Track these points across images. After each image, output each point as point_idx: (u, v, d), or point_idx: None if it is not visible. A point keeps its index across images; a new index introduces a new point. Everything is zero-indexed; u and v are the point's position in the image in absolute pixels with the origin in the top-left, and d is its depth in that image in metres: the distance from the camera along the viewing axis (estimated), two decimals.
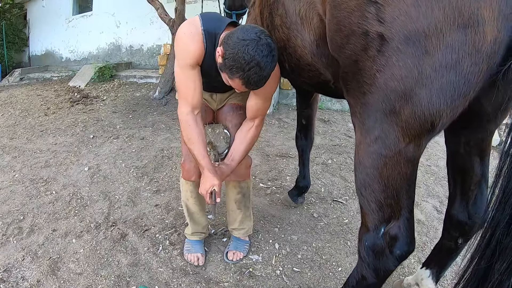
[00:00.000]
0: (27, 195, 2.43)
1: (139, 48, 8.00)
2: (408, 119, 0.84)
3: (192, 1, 6.44)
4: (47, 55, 10.12)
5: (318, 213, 2.22)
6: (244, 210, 1.76)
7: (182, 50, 1.34)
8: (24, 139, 3.69)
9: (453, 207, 1.30)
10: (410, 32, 0.77)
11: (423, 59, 0.77)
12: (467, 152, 1.17)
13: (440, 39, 0.75)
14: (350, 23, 0.88)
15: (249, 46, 1.12)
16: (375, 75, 0.85)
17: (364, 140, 0.95)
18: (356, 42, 0.88)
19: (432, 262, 1.45)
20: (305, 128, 2.12)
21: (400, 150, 0.89)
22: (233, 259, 1.76)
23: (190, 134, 1.41)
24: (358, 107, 0.95)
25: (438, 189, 2.57)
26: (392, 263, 1.02)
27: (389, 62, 0.82)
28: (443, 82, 0.78)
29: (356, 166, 1.01)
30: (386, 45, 0.81)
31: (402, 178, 0.93)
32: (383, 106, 0.86)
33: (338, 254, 1.84)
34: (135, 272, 1.68)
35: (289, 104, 4.89)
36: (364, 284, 1.09)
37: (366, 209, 1.02)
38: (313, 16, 1.15)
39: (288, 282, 1.64)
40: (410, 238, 1.01)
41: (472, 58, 0.75)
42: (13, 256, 1.79)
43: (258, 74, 1.15)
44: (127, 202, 2.32)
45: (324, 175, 2.77)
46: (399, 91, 0.82)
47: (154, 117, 4.40)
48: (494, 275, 0.84)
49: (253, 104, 1.50)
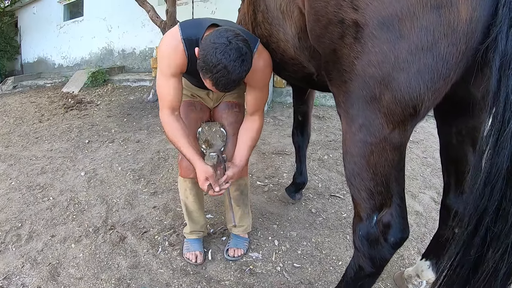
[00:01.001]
0: (24, 202, 2.42)
1: (132, 51, 7.98)
2: (389, 105, 0.84)
3: (183, 2, 6.44)
4: (40, 62, 10.09)
5: (316, 208, 2.23)
6: (243, 208, 1.78)
7: (164, 61, 1.38)
8: (20, 147, 3.67)
9: (448, 197, 1.30)
10: (384, 17, 0.77)
11: (399, 43, 0.77)
12: (459, 142, 1.17)
13: (414, 22, 0.75)
14: (327, 12, 0.88)
15: (218, 50, 1.14)
16: (353, 62, 0.85)
17: (350, 129, 0.95)
18: (334, 31, 0.88)
19: (431, 253, 1.45)
20: (301, 124, 2.13)
21: (385, 136, 0.89)
22: (234, 255, 1.76)
23: (173, 131, 1.44)
24: (341, 96, 0.96)
25: (435, 181, 2.59)
26: (388, 251, 1.02)
27: (365, 49, 0.82)
28: (420, 65, 0.77)
29: (344, 156, 1.02)
30: (361, 31, 0.81)
31: (389, 165, 0.93)
32: (364, 93, 0.86)
33: (338, 248, 1.85)
34: (135, 274, 1.67)
35: (283, 102, 4.90)
36: (362, 275, 1.09)
37: (357, 198, 1.02)
38: (294, 10, 1.16)
39: (289, 278, 1.65)
40: (404, 224, 1.01)
41: (449, 38, 0.74)
42: (12, 263, 1.78)
43: (225, 77, 1.17)
44: (125, 205, 2.32)
45: (321, 170, 2.77)
46: (377, 77, 0.82)
47: (149, 119, 4.39)
48: (489, 263, 0.82)
49: (252, 97, 1.52)
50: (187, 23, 1.40)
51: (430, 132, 3.64)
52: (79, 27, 8.94)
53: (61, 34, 9.40)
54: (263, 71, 1.42)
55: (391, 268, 1.69)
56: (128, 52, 8.03)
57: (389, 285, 1.60)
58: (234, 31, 1.21)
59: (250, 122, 1.56)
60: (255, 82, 1.45)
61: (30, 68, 10.34)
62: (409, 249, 1.83)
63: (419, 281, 1.48)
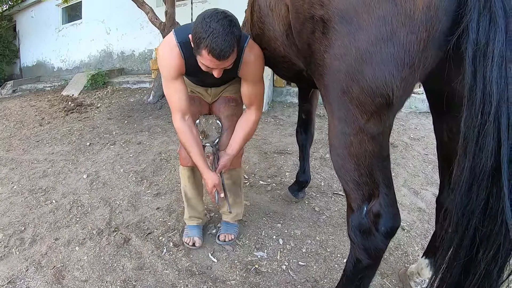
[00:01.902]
0: (27, 205, 2.42)
1: (131, 53, 7.99)
2: (358, 96, 0.85)
3: (182, 4, 6.43)
4: (39, 66, 10.09)
5: (320, 206, 2.23)
6: (234, 197, 1.87)
7: (164, 66, 1.49)
8: (21, 150, 3.67)
9: (442, 195, 1.30)
10: (343, 11, 0.79)
11: (358, 35, 0.79)
12: (450, 139, 1.17)
13: (370, 13, 0.76)
14: (303, 9, 0.92)
15: (206, 18, 1.24)
16: (323, 56, 0.88)
17: (332, 121, 0.97)
18: (307, 27, 0.92)
19: (430, 251, 1.46)
20: (305, 122, 2.14)
21: (361, 127, 0.90)
22: (225, 240, 1.86)
23: (185, 139, 1.56)
24: (322, 90, 0.99)
25: (436, 177, 2.55)
26: (381, 241, 1.03)
27: (330, 43, 0.84)
28: (382, 55, 0.78)
29: (330, 148, 1.04)
30: (326, 27, 0.84)
31: (370, 155, 0.94)
32: (335, 86, 0.89)
33: (342, 246, 1.84)
34: (140, 276, 1.67)
35: (284, 102, 4.90)
36: (360, 267, 1.09)
37: (346, 189, 1.04)
38: (281, 7, 1.19)
39: (295, 276, 1.64)
40: (393, 213, 1.02)
41: (407, 27, 0.74)
42: (16, 267, 1.78)
43: (218, 38, 1.22)
44: (128, 206, 2.31)
45: (323, 169, 2.77)
46: (342, 70, 0.84)
47: (149, 121, 4.39)
48: (480, 265, 0.80)
49: (245, 90, 1.60)
50: (181, 29, 1.50)
51: (431, 129, 3.60)
52: (77, 30, 8.94)
53: (59, 38, 9.40)
54: (255, 62, 1.50)
55: (396, 265, 1.69)
56: (127, 54, 8.04)
57: (394, 281, 1.60)
58: (224, 11, 1.30)
59: (247, 115, 1.65)
60: (248, 76, 1.54)
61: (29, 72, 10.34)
62: (413, 246, 1.83)
63: (420, 279, 1.48)
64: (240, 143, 1.64)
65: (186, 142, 1.55)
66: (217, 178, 1.58)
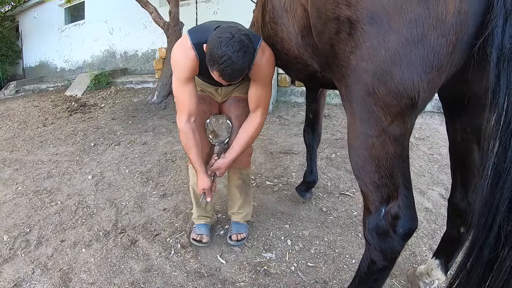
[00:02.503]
0: (31, 207, 2.41)
1: (134, 53, 7.98)
2: (384, 97, 0.85)
3: (186, 3, 6.42)
4: (42, 66, 10.10)
5: (327, 207, 2.21)
6: (244, 196, 1.88)
7: (178, 66, 1.51)
8: (25, 151, 3.66)
9: (454, 195, 1.29)
10: (373, 12, 0.79)
11: (388, 36, 0.79)
12: (464, 139, 1.17)
13: (402, 16, 0.76)
14: (326, 9, 0.91)
15: (223, 43, 1.26)
16: (348, 57, 0.88)
17: (353, 122, 0.97)
18: (331, 27, 0.91)
19: (440, 252, 1.45)
20: (312, 122, 2.13)
21: (384, 129, 0.90)
22: (238, 239, 1.85)
23: (186, 141, 1.59)
24: (343, 90, 0.98)
25: (442, 177, 2.56)
26: (398, 243, 1.02)
27: (357, 44, 0.84)
28: (412, 57, 0.78)
29: (349, 150, 1.03)
30: (354, 27, 0.83)
31: (391, 157, 0.94)
32: (360, 87, 0.88)
33: (351, 247, 1.83)
34: (149, 278, 1.66)
35: (288, 101, 4.88)
36: (375, 269, 1.09)
37: (365, 191, 1.04)
38: (297, 8, 1.19)
39: (304, 277, 1.63)
40: (412, 215, 1.01)
41: (438, 30, 0.75)
42: (22, 269, 1.77)
43: (230, 67, 1.27)
44: (134, 208, 2.30)
45: (329, 169, 2.75)
46: (370, 71, 0.84)
47: (154, 121, 4.38)
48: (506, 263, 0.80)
49: (253, 92, 1.61)
50: (195, 30, 1.53)
51: (436, 128, 3.62)
52: (80, 30, 8.94)
53: (62, 38, 9.41)
54: (266, 66, 1.52)
55: (404, 265, 1.68)
56: (131, 54, 8.03)
57: (403, 281, 1.59)
58: (236, 27, 1.34)
59: (251, 118, 1.66)
60: (258, 77, 1.55)
61: (32, 73, 10.35)
62: (420, 246, 1.81)
63: (430, 280, 1.47)
64: (241, 147, 1.65)
65: (187, 143, 1.59)
66: (208, 183, 1.64)
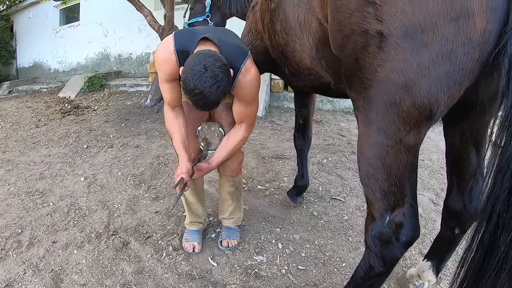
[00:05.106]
0: (23, 207, 2.40)
1: (128, 56, 7.97)
2: (409, 109, 0.89)
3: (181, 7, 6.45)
4: (35, 67, 10.03)
5: (318, 211, 2.24)
6: (236, 202, 1.88)
7: (160, 67, 1.51)
8: (17, 152, 3.64)
9: (450, 197, 1.33)
10: (408, 27, 0.82)
11: (421, 51, 0.82)
12: (463, 143, 1.21)
13: (435, 32, 0.80)
14: (350, 23, 0.93)
15: (195, 76, 1.23)
16: (376, 70, 0.90)
17: (367, 131, 0.99)
18: (356, 41, 0.93)
19: (432, 254, 1.49)
20: (302, 127, 2.16)
21: (401, 138, 0.93)
22: (228, 246, 1.86)
23: (170, 125, 1.59)
24: (360, 101, 1.00)
25: (433, 182, 2.62)
26: (399, 250, 1.06)
27: (389, 57, 0.86)
28: (440, 71, 0.83)
29: (359, 158, 1.05)
30: (385, 41, 0.86)
31: (403, 166, 0.97)
32: (384, 98, 0.91)
33: (341, 250, 1.86)
34: (140, 280, 1.67)
35: (281, 106, 4.92)
36: (372, 274, 1.12)
37: (371, 198, 1.06)
38: (312, 21, 1.20)
39: (295, 280, 1.65)
40: (415, 224, 1.05)
41: (465, 47, 0.80)
42: (14, 270, 1.77)
43: (202, 101, 1.27)
44: (127, 210, 2.31)
45: (320, 174, 2.79)
46: (399, 83, 0.87)
47: (147, 124, 4.38)
48: (500, 248, 0.88)
49: (237, 107, 1.60)
50: (181, 34, 1.49)
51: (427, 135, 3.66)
52: (75, 32, 8.91)
53: (57, 39, 9.36)
54: (249, 86, 1.50)
55: (394, 269, 1.70)
56: (125, 57, 8.02)
57: (392, 285, 1.62)
58: (214, 56, 1.29)
59: (236, 131, 1.66)
60: (241, 97, 1.54)
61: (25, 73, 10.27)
62: (410, 250, 1.82)
63: (420, 282, 1.50)
64: (224, 156, 1.66)
65: (171, 128, 1.59)
66: (189, 169, 1.57)
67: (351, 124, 4.18)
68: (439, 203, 2.30)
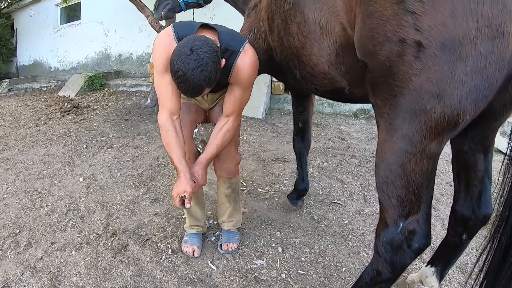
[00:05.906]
0: (22, 207, 2.38)
1: (129, 56, 7.96)
2: (437, 118, 0.91)
3: None
4: (35, 65, 9.99)
5: (318, 215, 2.23)
6: (234, 204, 1.87)
7: (159, 57, 1.43)
8: (16, 151, 3.62)
9: (458, 202, 1.33)
10: (447, 40, 0.84)
11: (457, 64, 0.85)
12: (471, 149, 1.23)
13: (472, 47, 0.83)
14: (385, 30, 0.93)
15: (180, 57, 1.22)
16: (410, 78, 0.91)
17: (390, 138, 1.00)
18: (392, 49, 0.93)
19: (436, 259, 1.47)
20: (301, 131, 2.15)
21: (425, 147, 0.95)
22: (228, 249, 1.85)
23: (168, 139, 1.48)
24: (386, 108, 1.00)
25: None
26: (409, 257, 1.07)
27: (425, 67, 0.88)
28: (472, 85, 0.86)
29: (378, 164, 1.06)
30: (423, 51, 0.87)
31: (423, 174, 0.99)
32: (414, 107, 0.93)
33: (341, 255, 1.85)
34: (139, 283, 1.65)
35: (281, 109, 4.91)
36: (379, 280, 1.12)
37: (386, 205, 1.07)
38: (335, 26, 1.19)
39: (294, 285, 1.64)
40: (428, 231, 1.06)
41: (497, 65, 0.84)
42: (11, 271, 1.75)
43: (185, 83, 1.24)
44: (126, 211, 2.29)
45: (320, 177, 2.78)
46: (432, 93, 0.89)
47: (147, 125, 4.37)
48: None
49: (231, 95, 1.55)
50: (180, 24, 1.47)
51: None
52: (76, 31, 8.89)
53: (57, 38, 9.33)
54: (248, 69, 1.47)
55: None
56: (125, 57, 8.01)
57: None
58: (205, 41, 1.26)
59: (221, 123, 1.59)
60: (238, 81, 1.50)
61: (25, 71, 10.23)
62: None
63: None
64: (212, 152, 1.59)
65: (169, 142, 1.47)
66: (188, 189, 1.46)
67: (351, 127, 4.18)
68: (439, 208, 2.30)
